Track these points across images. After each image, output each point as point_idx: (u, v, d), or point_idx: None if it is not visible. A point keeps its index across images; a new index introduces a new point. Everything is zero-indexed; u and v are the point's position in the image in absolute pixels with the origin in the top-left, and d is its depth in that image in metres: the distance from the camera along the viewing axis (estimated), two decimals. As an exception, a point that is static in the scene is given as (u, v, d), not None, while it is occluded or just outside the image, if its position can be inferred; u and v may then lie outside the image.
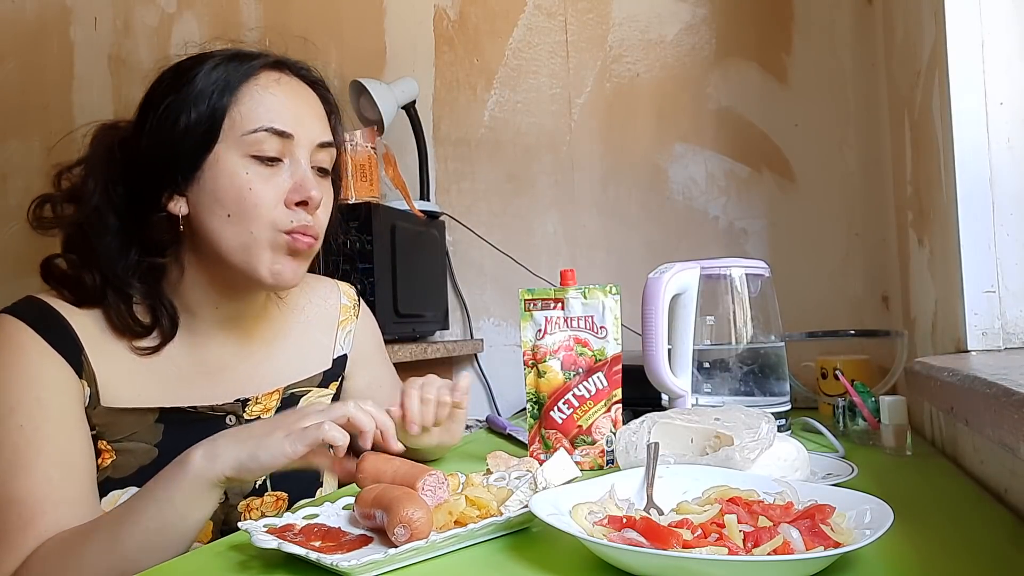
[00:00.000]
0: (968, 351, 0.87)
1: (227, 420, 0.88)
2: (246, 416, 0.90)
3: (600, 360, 0.95)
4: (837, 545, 0.52)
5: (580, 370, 0.95)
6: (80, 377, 0.80)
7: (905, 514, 0.57)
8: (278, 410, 0.93)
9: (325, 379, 1.00)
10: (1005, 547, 0.60)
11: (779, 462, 0.74)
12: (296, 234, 0.82)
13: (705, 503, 0.63)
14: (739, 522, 0.56)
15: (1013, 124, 0.88)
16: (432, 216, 1.77)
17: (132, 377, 0.83)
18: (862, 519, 0.56)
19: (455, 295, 1.89)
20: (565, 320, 0.97)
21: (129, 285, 0.83)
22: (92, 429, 0.80)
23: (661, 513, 0.63)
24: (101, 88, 2.18)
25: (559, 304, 0.97)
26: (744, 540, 0.53)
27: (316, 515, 0.69)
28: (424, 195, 1.81)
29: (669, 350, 1.03)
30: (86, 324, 0.82)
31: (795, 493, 0.62)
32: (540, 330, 0.97)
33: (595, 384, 0.95)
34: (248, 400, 0.90)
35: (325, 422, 0.71)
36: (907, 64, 1.18)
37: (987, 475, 0.80)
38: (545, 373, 0.96)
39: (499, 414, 1.68)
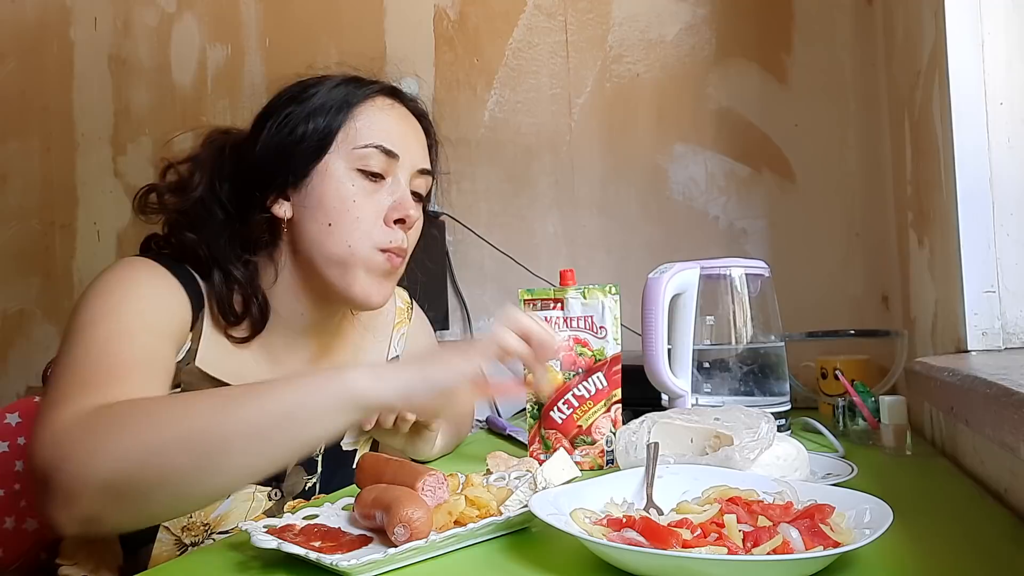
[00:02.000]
0: (968, 351, 0.87)
1: None
2: None
3: (600, 360, 0.95)
4: (836, 545, 0.52)
5: (580, 370, 0.95)
6: (191, 328, 0.83)
7: (905, 514, 0.57)
8: None
9: None
10: (1005, 546, 0.60)
11: (779, 462, 0.74)
12: (391, 253, 0.87)
13: (705, 503, 0.63)
14: (739, 522, 0.56)
15: (1013, 124, 0.88)
16: (432, 216, 1.77)
17: (225, 355, 0.87)
18: (862, 519, 0.56)
19: (455, 295, 1.89)
20: (565, 320, 0.97)
21: (233, 266, 0.86)
22: (177, 386, 0.82)
23: (661, 513, 0.63)
24: (101, 88, 2.18)
25: (559, 304, 0.97)
26: (744, 540, 0.53)
27: (316, 515, 0.69)
28: (424, 195, 1.81)
29: (669, 350, 1.03)
30: (208, 292, 0.86)
31: (795, 493, 0.62)
32: (540, 330, 0.97)
33: (595, 384, 0.95)
34: None
35: (499, 333, 0.71)
36: (907, 64, 1.18)
37: (987, 475, 0.80)
38: (545, 373, 0.96)
39: (499, 414, 1.68)
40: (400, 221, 0.87)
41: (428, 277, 1.74)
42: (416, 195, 0.92)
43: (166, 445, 0.64)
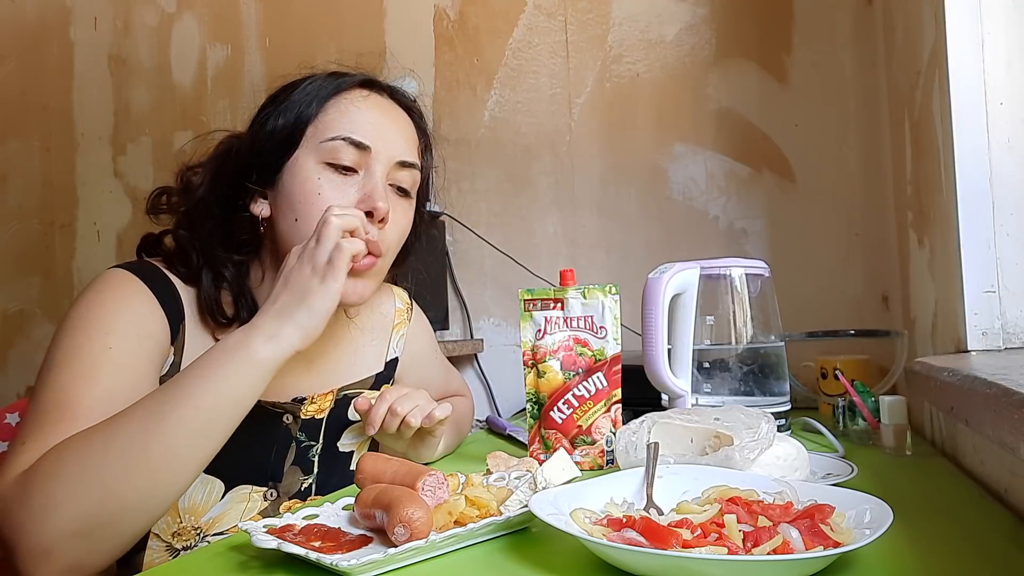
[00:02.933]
0: (968, 351, 0.87)
1: (284, 418, 0.92)
2: (302, 415, 0.94)
3: (600, 360, 0.95)
4: (836, 545, 0.52)
5: (580, 370, 0.95)
6: (172, 343, 0.83)
7: (905, 514, 0.57)
8: (331, 411, 0.96)
9: (377, 382, 1.02)
10: (1005, 547, 0.60)
11: (779, 462, 0.74)
12: None
13: (705, 503, 0.63)
14: (739, 522, 0.56)
15: (1013, 124, 0.88)
16: (432, 216, 1.77)
17: None
18: (862, 519, 0.56)
19: (455, 295, 1.89)
20: (565, 320, 0.97)
21: (225, 267, 0.87)
22: None
23: (661, 513, 0.63)
24: (101, 88, 2.18)
25: (559, 304, 0.97)
26: (744, 540, 0.53)
27: (316, 515, 0.69)
28: (424, 195, 1.81)
29: (669, 350, 1.03)
30: (190, 300, 0.86)
31: (795, 493, 0.62)
32: (540, 330, 0.97)
33: (595, 384, 0.95)
34: (304, 399, 0.93)
35: (336, 242, 0.75)
36: (907, 64, 1.18)
37: (987, 475, 0.80)
38: (545, 373, 0.96)
39: (499, 414, 1.68)
40: (369, 215, 0.84)
41: (428, 277, 1.74)
42: (399, 189, 0.90)
43: (115, 475, 0.66)
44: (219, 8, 2.11)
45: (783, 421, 1.01)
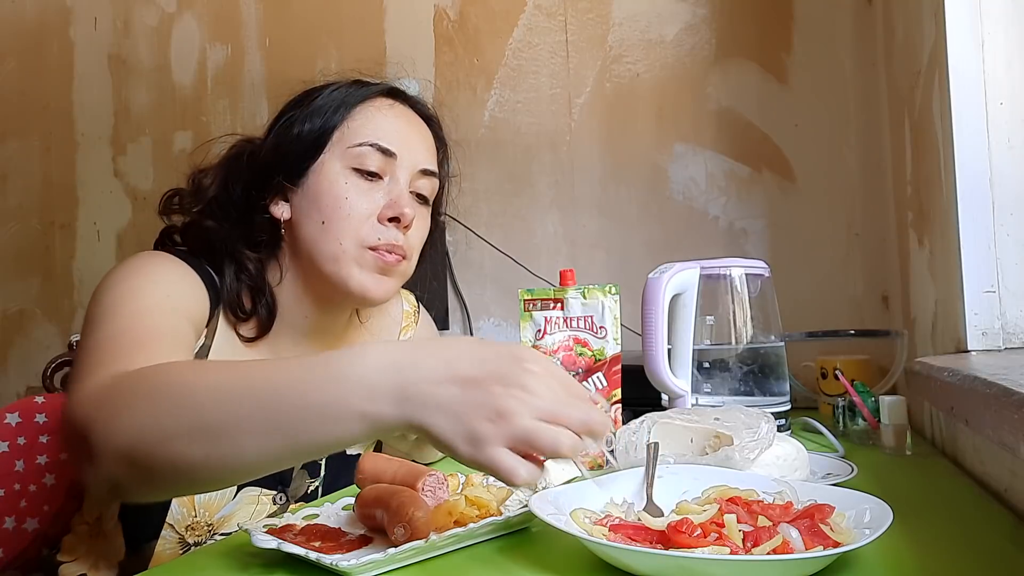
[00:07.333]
0: (968, 351, 0.87)
1: None
2: None
3: (600, 360, 0.95)
4: (836, 545, 0.52)
5: (580, 370, 0.95)
6: (207, 324, 0.84)
7: (905, 514, 0.57)
8: None
9: None
10: (1005, 546, 0.60)
11: (779, 462, 0.74)
12: (381, 251, 0.85)
13: (705, 503, 0.63)
14: (739, 522, 0.56)
15: (1013, 124, 0.88)
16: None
17: (236, 354, 0.87)
18: (861, 519, 0.56)
19: (455, 295, 1.89)
20: (564, 320, 0.97)
21: (247, 261, 0.87)
22: None
23: (661, 513, 0.63)
24: (101, 88, 2.18)
25: (558, 304, 0.97)
26: (744, 540, 0.53)
27: (316, 515, 0.69)
28: (424, 195, 1.81)
29: (669, 350, 1.03)
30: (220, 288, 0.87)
31: (795, 493, 0.62)
32: (540, 330, 0.97)
33: (595, 384, 0.95)
34: None
35: (560, 432, 0.53)
36: (907, 64, 1.18)
37: (987, 475, 0.80)
38: (545, 373, 0.96)
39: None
40: (395, 220, 0.86)
41: (428, 277, 1.74)
42: (419, 196, 0.91)
43: (179, 434, 0.59)
44: (219, 8, 2.11)
45: (783, 421, 1.01)
